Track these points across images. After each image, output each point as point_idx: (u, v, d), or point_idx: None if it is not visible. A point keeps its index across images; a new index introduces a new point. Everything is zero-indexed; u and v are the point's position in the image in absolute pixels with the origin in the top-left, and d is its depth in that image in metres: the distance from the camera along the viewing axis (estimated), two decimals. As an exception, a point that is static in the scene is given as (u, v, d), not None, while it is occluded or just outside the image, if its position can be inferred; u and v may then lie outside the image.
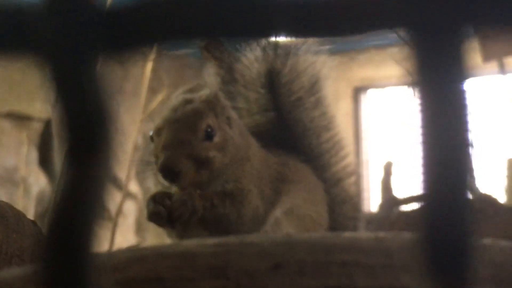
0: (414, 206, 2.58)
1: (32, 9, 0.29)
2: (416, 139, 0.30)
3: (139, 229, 5.59)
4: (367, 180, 5.37)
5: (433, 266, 0.30)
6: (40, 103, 5.37)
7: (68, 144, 0.25)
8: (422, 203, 0.32)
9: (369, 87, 5.61)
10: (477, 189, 2.90)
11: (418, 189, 0.39)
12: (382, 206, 2.56)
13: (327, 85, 2.10)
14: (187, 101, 1.65)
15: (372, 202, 5.21)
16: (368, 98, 5.71)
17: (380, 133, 5.60)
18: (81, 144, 0.25)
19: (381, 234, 0.69)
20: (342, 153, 2.00)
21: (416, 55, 0.27)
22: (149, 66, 3.73)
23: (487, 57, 3.29)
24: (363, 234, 0.80)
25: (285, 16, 0.31)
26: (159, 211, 1.56)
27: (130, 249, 0.68)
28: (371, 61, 5.34)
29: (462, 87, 0.26)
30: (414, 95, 0.29)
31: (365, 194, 5.30)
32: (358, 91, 5.66)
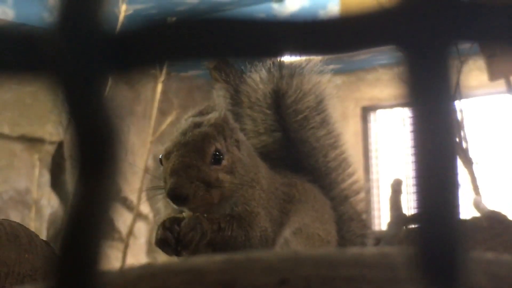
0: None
1: (43, 33, 0.30)
2: (410, 157, 0.32)
3: (150, 250, 5.59)
4: (377, 198, 5.37)
5: (427, 277, 0.31)
6: (51, 125, 5.42)
7: (78, 163, 0.27)
8: (417, 220, 0.34)
9: (378, 106, 5.62)
10: (485, 206, 2.90)
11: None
12: (390, 224, 2.57)
13: (336, 104, 2.12)
14: (196, 125, 1.67)
15: (382, 220, 5.20)
16: (376, 118, 5.72)
17: (389, 152, 5.59)
18: (90, 162, 0.27)
19: (386, 249, 0.71)
20: (349, 170, 2.01)
21: (406, 75, 0.28)
22: (159, 88, 3.76)
23: (493, 76, 3.30)
24: (368, 249, 0.81)
25: (288, 35, 0.33)
26: (167, 237, 1.57)
27: (140, 267, 0.69)
28: (379, 81, 5.36)
29: (450, 106, 0.28)
30: (408, 114, 0.31)
31: (374, 213, 5.29)
32: (366, 111, 5.67)
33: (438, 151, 0.27)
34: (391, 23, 0.30)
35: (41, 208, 5.33)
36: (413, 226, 2.78)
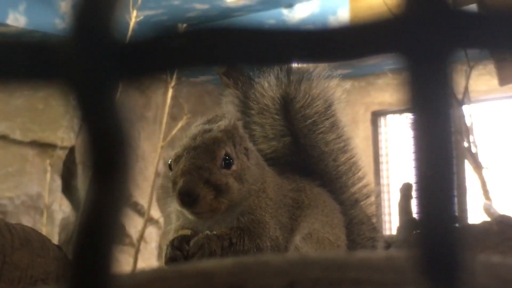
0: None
1: (56, 40, 0.32)
2: (412, 163, 0.32)
3: (161, 255, 5.61)
4: (387, 203, 5.37)
5: (429, 280, 0.32)
6: (63, 131, 5.45)
7: (90, 167, 0.28)
8: (418, 224, 0.35)
9: (388, 111, 5.62)
10: (495, 211, 2.90)
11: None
12: (400, 229, 2.57)
13: (345, 109, 2.12)
14: (206, 130, 1.68)
15: (392, 225, 5.19)
16: (387, 123, 5.72)
17: (399, 157, 5.59)
18: (102, 167, 0.28)
19: (393, 252, 0.72)
20: (359, 174, 2.01)
21: (407, 81, 0.29)
22: (170, 93, 3.78)
23: (503, 81, 3.30)
24: (375, 253, 0.82)
25: (297, 43, 0.34)
26: (176, 256, 1.58)
27: (151, 270, 0.70)
28: (389, 85, 5.36)
29: (449, 112, 0.29)
30: (409, 120, 0.32)
31: (384, 217, 5.29)
32: (376, 116, 5.68)
33: (437, 156, 0.28)
34: (395, 31, 0.31)
35: (52, 213, 5.35)
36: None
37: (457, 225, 0.31)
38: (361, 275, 0.67)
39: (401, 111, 5.44)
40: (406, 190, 2.65)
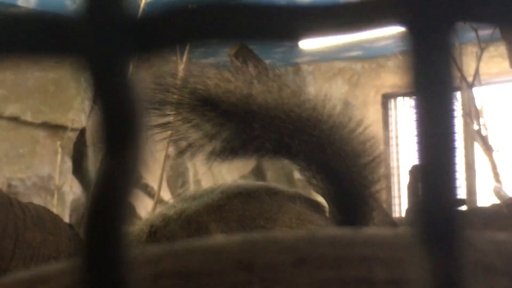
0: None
1: (68, 18, 0.32)
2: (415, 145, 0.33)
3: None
4: (396, 186, 5.37)
5: (429, 255, 0.33)
6: (74, 112, 5.47)
7: (103, 138, 0.29)
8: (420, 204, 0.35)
9: (398, 93, 5.61)
10: (505, 193, 2.90)
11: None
12: (409, 211, 2.57)
13: (356, 92, 2.13)
14: None
15: (402, 208, 5.20)
16: (397, 105, 5.70)
17: (409, 139, 5.58)
18: (114, 141, 0.29)
19: (401, 230, 0.73)
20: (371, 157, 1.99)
21: (409, 61, 0.30)
22: (180, 73, 3.78)
23: (515, 62, 3.28)
24: (382, 230, 0.83)
25: (305, 18, 0.35)
26: None
27: (161, 246, 0.71)
28: (399, 68, 5.33)
29: (451, 94, 0.29)
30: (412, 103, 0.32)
31: (394, 200, 5.29)
32: (387, 98, 5.66)
33: (438, 139, 0.29)
34: (397, 2, 0.31)
35: (63, 195, 5.39)
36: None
37: (458, 207, 0.31)
38: (368, 252, 0.68)
39: (411, 94, 5.43)
40: (415, 173, 2.65)
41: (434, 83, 0.29)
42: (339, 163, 1.83)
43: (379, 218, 2.21)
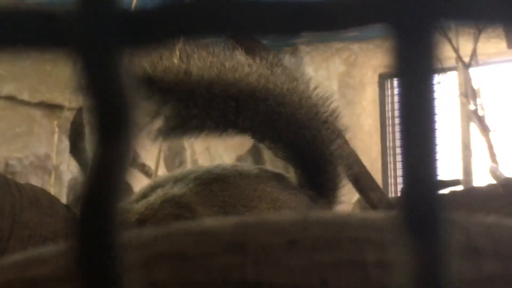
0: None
1: (62, 10, 0.33)
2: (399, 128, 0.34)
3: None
4: (393, 166, 5.38)
5: (411, 238, 0.34)
6: (71, 92, 5.46)
7: (95, 126, 0.30)
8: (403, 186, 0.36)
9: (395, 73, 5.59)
10: (501, 173, 2.92)
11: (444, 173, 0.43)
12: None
13: (353, 72, 2.12)
14: None
15: (397, 188, 5.22)
16: (393, 85, 5.70)
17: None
18: (106, 125, 0.30)
19: (392, 213, 0.74)
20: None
21: (393, 47, 0.31)
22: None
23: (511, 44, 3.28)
24: (374, 213, 0.84)
25: (306, 14, 0.35)
26: None
27: (156, 228, 0.72)
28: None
29: (433, 80, 0.30)
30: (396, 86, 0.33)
31: (390, 180, 5.31)
32: (384, 78, 5.66)
33: (418, 122, 0.30)
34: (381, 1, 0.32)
35: (60, 174, 5.39)
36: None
37: (438, 190, 0.32)
38: (360, 234, 0.69)
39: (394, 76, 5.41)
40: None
41: (415, 67, 0.30)
42: (294, 130, 1.81)
43: (377, 196, 2.21)
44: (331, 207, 1.82)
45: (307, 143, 1.81)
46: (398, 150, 5.51)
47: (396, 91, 5.72)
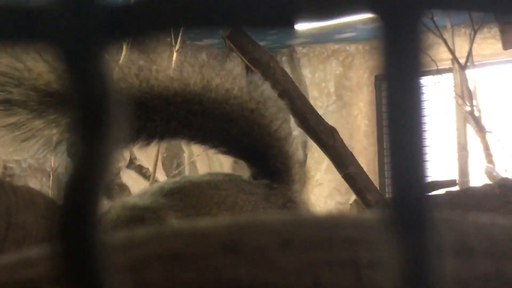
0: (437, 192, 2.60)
1: (45, 5, 0.33)
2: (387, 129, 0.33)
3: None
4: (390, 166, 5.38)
5: (400, 236, 0.34)
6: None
7: (76, 123, 0.29)
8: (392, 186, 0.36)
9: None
10: (498, 174, 2.92)
11: (441, 174, 0.42)
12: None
13: (349, 74, 2.13)
14: None
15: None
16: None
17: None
18: (87, 121, 0.30)
19: (385, 213, 0.73)
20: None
21: (381, 45, 0.30)
22: (174, 57, 3.77)
23: (507, 45, 3.28)
24: (368, 213, 0.84)
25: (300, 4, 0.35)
26: None
27: (148, 229, 0.72)
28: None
29: (419, 79, 0.30)
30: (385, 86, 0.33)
31: (387, 181, 5.31)
32: (380, 80, 5.66)
33: (405, 124, 0.29)
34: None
35: (59, 176, 5.38)
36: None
37: (427, 191, 0.32)
38: (353, 234, 0.69)
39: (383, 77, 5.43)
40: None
41: (402, 68, 0.29)
42: (221, 124, 1.81)
43: (374, 198, 2.21)
44: (289, 188, 1.83)
45: (241, 134, 1.82)
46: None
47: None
